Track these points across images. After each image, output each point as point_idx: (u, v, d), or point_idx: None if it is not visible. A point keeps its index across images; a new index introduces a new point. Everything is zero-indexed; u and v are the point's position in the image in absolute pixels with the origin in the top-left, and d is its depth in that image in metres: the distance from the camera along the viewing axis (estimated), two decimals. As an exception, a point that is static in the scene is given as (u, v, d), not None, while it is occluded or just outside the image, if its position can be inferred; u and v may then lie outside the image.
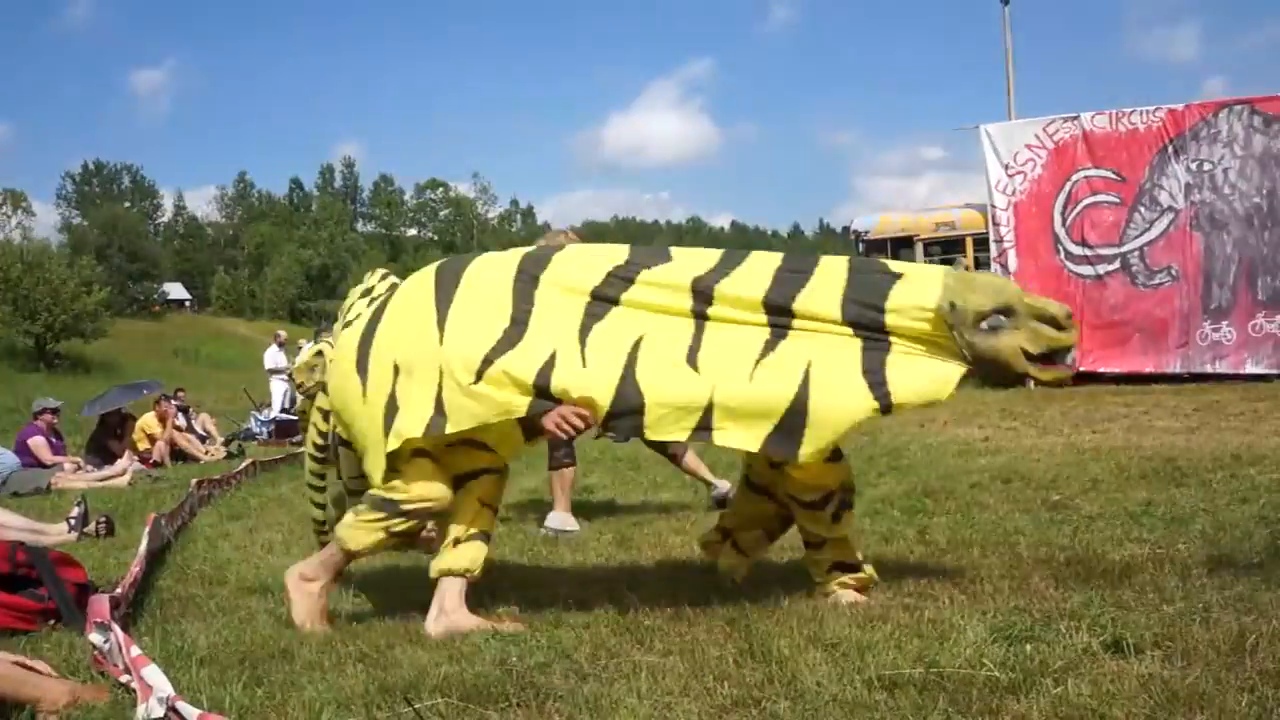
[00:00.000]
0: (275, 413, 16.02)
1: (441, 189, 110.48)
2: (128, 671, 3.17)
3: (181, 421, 13.17)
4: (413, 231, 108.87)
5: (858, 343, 3.76)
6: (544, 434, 3.95)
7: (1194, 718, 2.61)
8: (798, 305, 3.80)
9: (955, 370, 3.77)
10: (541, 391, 3.73)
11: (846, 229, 19.06)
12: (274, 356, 17.27)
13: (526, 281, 3.94)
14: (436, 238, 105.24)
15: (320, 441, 5.09)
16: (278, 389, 16.76)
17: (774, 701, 2.86)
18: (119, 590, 4.11)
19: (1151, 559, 4.30)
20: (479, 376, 3.74)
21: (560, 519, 6.00)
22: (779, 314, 3.81)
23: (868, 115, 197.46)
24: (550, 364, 3.73)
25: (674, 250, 4.16)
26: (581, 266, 3.99)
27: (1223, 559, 4.20)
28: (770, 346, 3.76)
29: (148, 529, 5.37)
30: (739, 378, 3.69)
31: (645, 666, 3.19)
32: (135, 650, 3.21)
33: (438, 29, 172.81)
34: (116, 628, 3.46)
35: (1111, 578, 3.98)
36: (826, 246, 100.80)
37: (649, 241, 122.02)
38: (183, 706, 2.76)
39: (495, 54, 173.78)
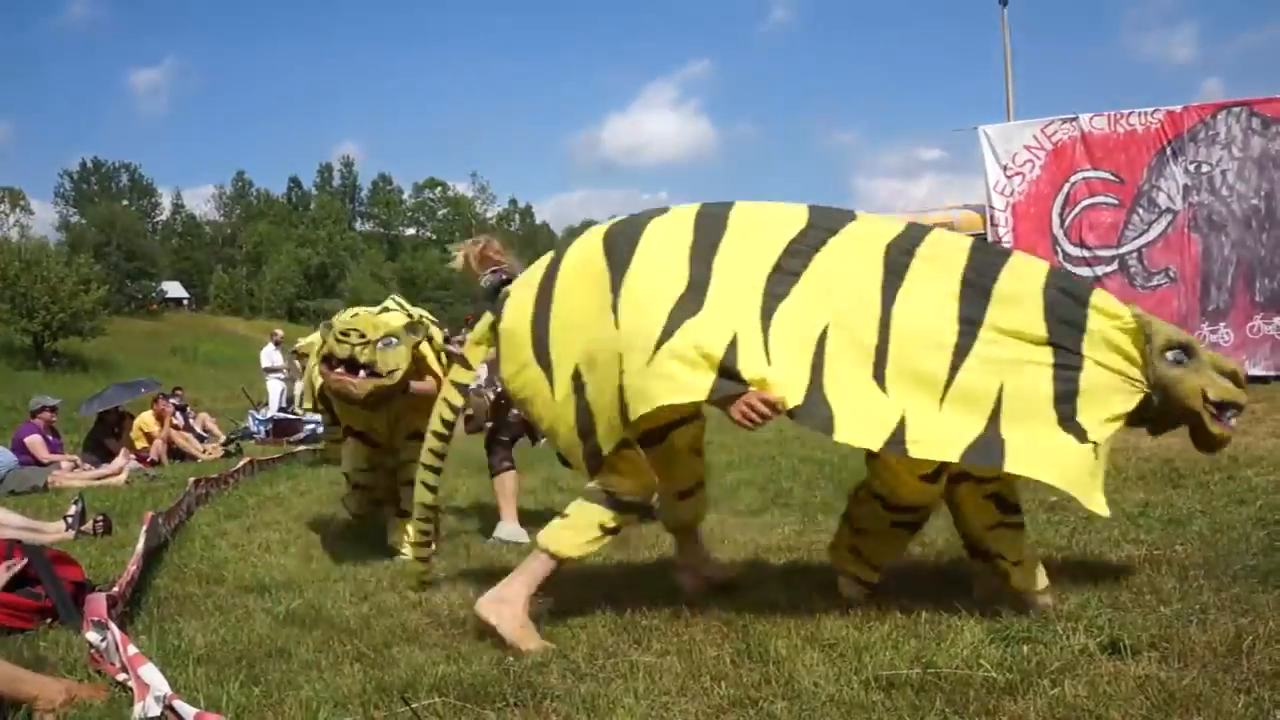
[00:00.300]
0: (273, 412, 16.00)
1: (440, 188, 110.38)
2: (125, 670, 3.17)
3: (179, 420, 13.17)
4: (411, 231, 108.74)
5: (1049, 356, 3.54)
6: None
7: (1190, 719, 2.62)
8: (996, 290, 3.60)
9: (1129, 402, 3.56)
10: (726, 373, 3.46)
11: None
12: (270, 355, 17.24)
13: (704, 248, 3.70)
14: (435, 237, 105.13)
15: (450, 417, 4.44)
16: (274, 388, 16.74)
17: (771, 702, 2.87)
18: (116, 589, 4.10)
19: (1149, 560, 4.31)
20: (654, 355, 3.48)
21: (509, 530, 5.78)
22: (972, 301, 3.59)
23: (866, 116, 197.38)
24: (733, 348, 3.47)
25: (859, 216, 3.89)
26: (760, 233, 3.74)
27: (1220, 561, 4.20)
28: (961, 353, 3.51)
29: (145, 527, 5.36)
30: (929, 403, 3.47)
31: (642, 666, 3.19)
32: (132, 649, 3.21)
33: (436, 28, 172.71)
34: (113, 626, 3.46)
35: (1109, 579, 3.99)
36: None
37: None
38: (179, 705, 2.76)
39: (494, 54, 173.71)
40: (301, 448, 12.58)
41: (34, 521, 6.54)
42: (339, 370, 4.87)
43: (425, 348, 5.39)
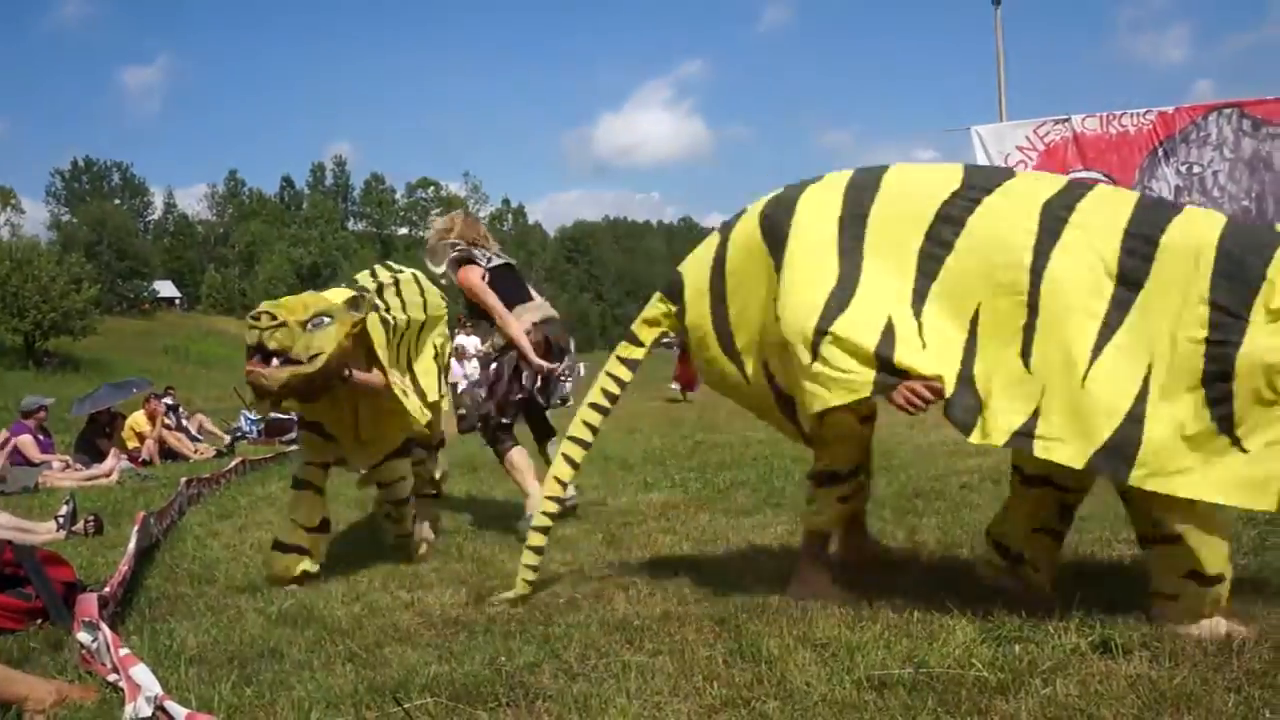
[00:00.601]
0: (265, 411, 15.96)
1: (433, 188, 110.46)
2: (116, 670, 3.17)
3: (171, 420, 13.13)
4: (404, 230, 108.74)
5: (1202, 335, 3.13)
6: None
7: (1181, 718, 2.63)
8: (1161, 247, 3.26)
9: None
10: (885, 365, 3.44)
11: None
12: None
13: (854, 222, 3.61)
14: (427, 237, 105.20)
15: (614, 390, 4.35)
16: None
17: (763, 702, 2.87)
18: (107, 589, 4.09)
19: (1140, 560, 4.31)
20: (814, 353, 3.51)
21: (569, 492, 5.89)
22: (1134, 262, 3.27)
23: (859, 116, 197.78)
24: (889, 336, 3.44)
25: (1017, 173, 3.70)
26: (912, 200, 3.61)
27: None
28: (1111, 326, 3.25)
29: (136, 528, 5.35)
30: (1071, 381, 3.23)
31: (635, 666, 3.19)
32: (123, 649, 3.21)
33: (430, 28, 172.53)
34: (104, 626, 3.45)
35: (1100, 579, 3.99)
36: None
37: (639, 240, 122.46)
38: (171, 706, 2.76)
39: (487, 54, 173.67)
40: (294, 447, 12.56)
41: (25, 522, 6.52)
42: (252, 360, 4.31)
43: (375, 327, 4.74)
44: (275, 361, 4.27)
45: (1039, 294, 3.33)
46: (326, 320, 4.37)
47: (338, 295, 4.75)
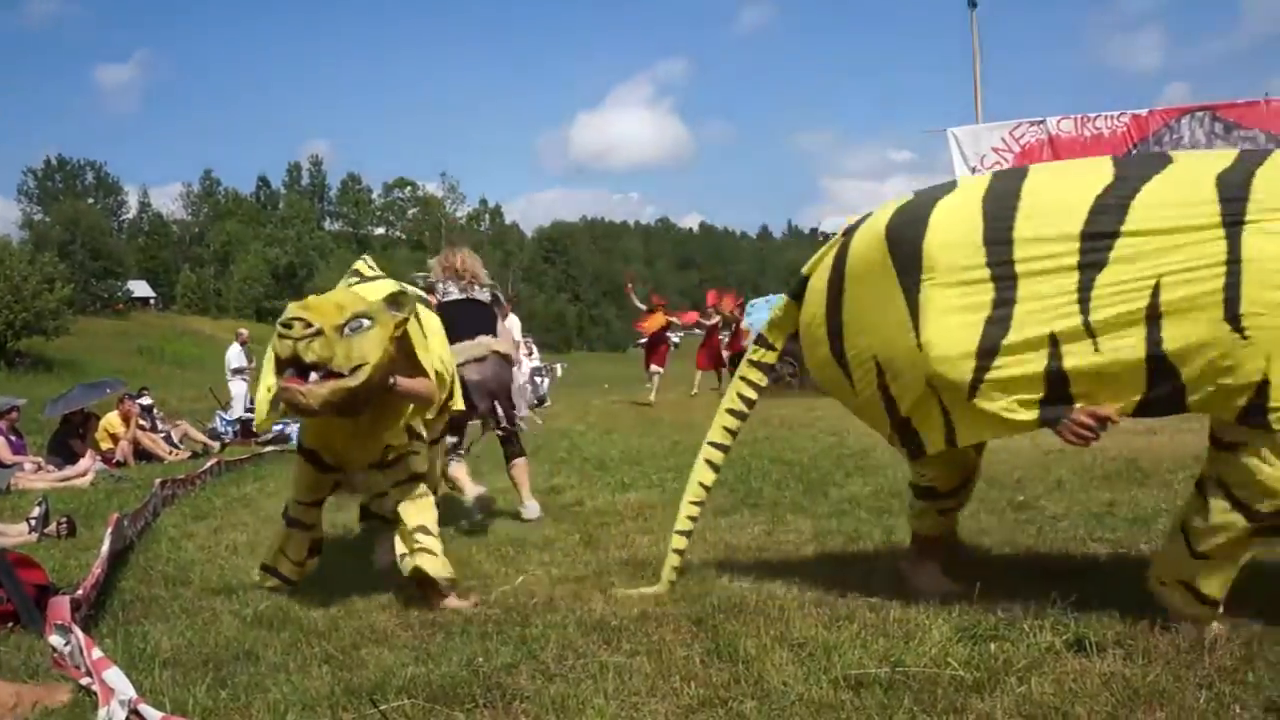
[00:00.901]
0: (239, 413, 15.85)
1: (409, 188, 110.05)
2: (89, 674, 3.14)
3: (145, 421, 13.02)
4: (380, 230, 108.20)
5: None
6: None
7: (1154, 714, 2.65)
8: None
9: None
10: (1053, 395, 3.25)
11: (815, 230, 19.14)
12: (237, 356, 17.07)
13: (999, 239, 3.32)
14: (404, 237, 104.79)
15: (752, 395, 4.33)
16: (239, 389, 16.54)
17: (740, 701, 2.87)
18: (80, 592, 4.06)
19: (1114, 558, 4.35)
20: (973, 390, 3.33)
21: (531, 508, 6.34)
22: None
23: (837, 117, 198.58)
24: (1055, 355, 3.21)
25: (1175, 156, 3.37)
26: (1060, 198, 3.32)
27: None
28: None
29: (110, 529, 5.31)
30: None
31: (612, 667, 3.19)
32: (97, 652, 3.18)
33: (406, 27, 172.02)
34: (77, 630, 3.42)
35: (1074, 577, 4.02)
36: (795, 248, 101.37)
37: (616, 241, 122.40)
38: (145, 709, 2.74)
39: (464, 53, 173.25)
40: (269, 449, 12.49)
41: (-4, 524, 6.45)
42: (286, 375, 3.80)
43: (414, 329, 4.24)
44: (314, 376, 3.76)
45: (1239, 268, 3.03)
46: (365, 323, 3.85)
47: (373, 292, 4.29)
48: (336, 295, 4.20)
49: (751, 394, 4.31)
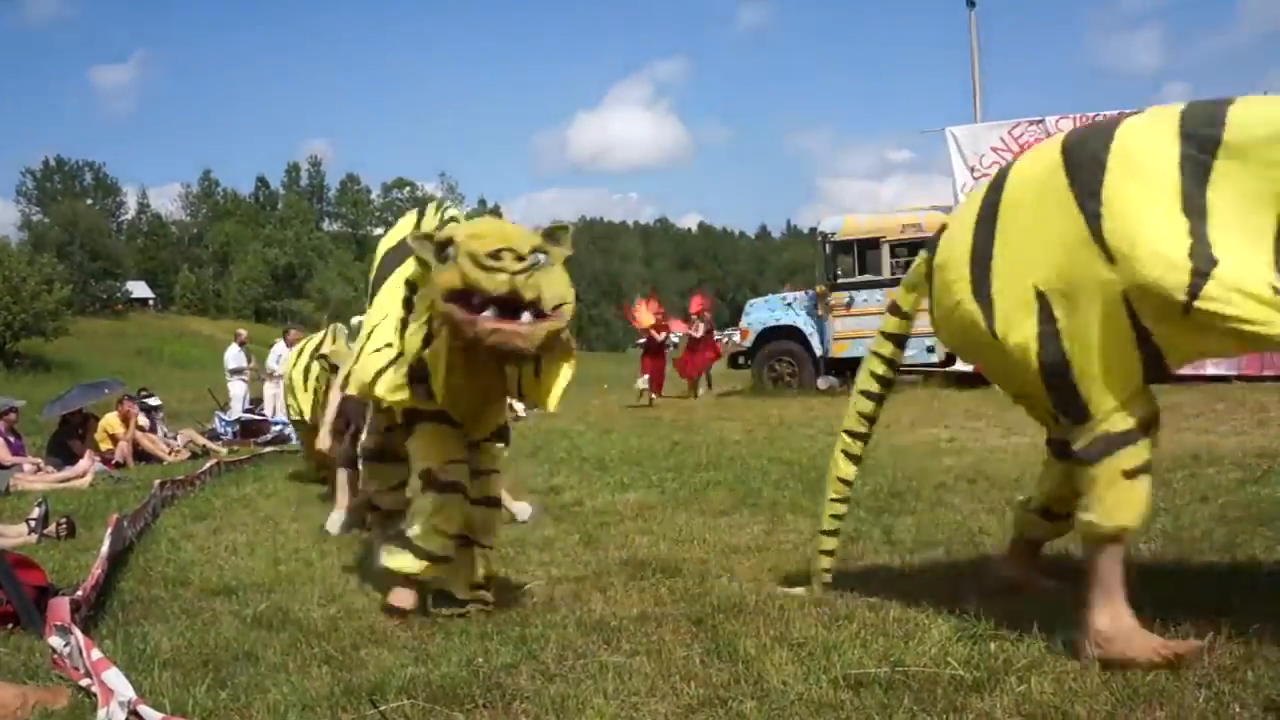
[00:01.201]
0: (238, 413, 15.84)
1: (408, 188, 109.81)
2: (88, 675, 3.14)
3: (145, 422, 13.01)
4: (379, 231, 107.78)
5: None
6: None
7: (1153, 713, 2.66)
8: None
9: None
10: None
11: (813, 230, 19.12)
12: (235, 357, 17.06)
13: (1195, 158, 2.99)
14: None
15: (883, 372, 3.92)
16: (237, 390, 16.53)
17: (740, 701, 2.88)
18: (80, 593, 4.05)
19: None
20: (1197, 296, 2.84)
21: (521, 508, 6.30)
22: None
23: (835, 117, 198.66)
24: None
25: None
26: (1259, 146, 2.96)
27: (1183, 558, 4.26)
28: None
29: (109, 530, 5.30)
30: None
31: (612, 667, 3.19)
32: (96, 653, 3.18)
33: (405, 27, 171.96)
34: (77, 631, 3.42)
35: (1075, 576, 4.02)
36: (793, 248, 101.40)
37: (615, 241, 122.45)
38: (145, 710, 2.74)
39: (463, 53, 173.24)
40: (269, 449, 12.48)
41: (-5, 525, 6.45)
42: (487, 315, 3.33)
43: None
44: (526, 316, 3.34)
45: None
46: (543, 258, 3.45)
47: (517, 230, 3.67)
48: (500, 224, 3.78)
49: (884, 371, 3.89)
